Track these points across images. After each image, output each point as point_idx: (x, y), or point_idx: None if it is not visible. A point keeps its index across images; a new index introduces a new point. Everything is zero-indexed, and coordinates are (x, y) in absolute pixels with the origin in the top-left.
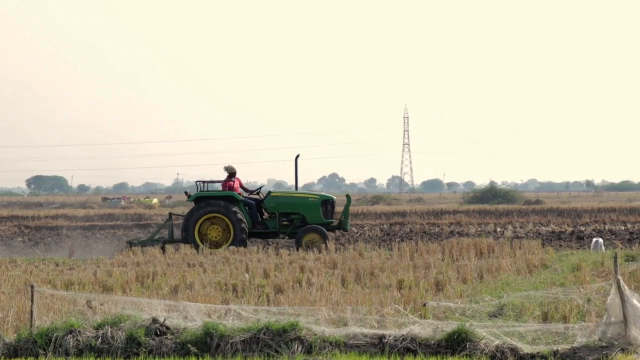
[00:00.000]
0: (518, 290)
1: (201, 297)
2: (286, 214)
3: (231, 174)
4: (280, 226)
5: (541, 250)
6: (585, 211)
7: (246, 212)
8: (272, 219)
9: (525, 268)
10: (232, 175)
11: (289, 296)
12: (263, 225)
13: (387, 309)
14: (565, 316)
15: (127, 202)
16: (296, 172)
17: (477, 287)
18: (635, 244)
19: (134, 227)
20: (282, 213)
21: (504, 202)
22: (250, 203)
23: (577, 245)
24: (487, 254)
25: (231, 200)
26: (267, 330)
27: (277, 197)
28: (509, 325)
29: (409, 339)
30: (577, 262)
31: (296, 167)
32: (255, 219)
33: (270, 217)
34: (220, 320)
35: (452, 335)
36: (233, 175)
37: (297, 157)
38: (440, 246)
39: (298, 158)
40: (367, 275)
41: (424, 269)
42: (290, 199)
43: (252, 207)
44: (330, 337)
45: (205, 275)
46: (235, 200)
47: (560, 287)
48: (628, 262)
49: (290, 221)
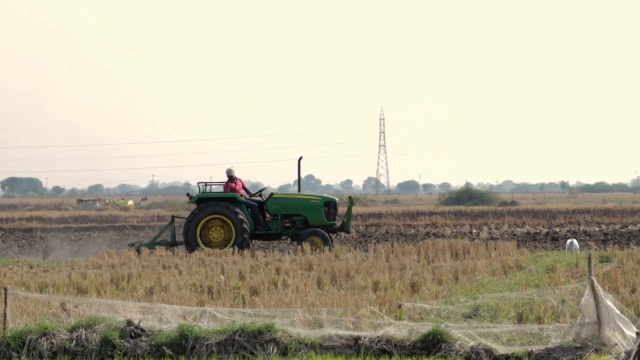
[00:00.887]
0: (493, 291)
1: (176, 299)
2: (288, 215)
3: (231, 177)
4: (283, 228)
5: (516, 252)
6: (560, 212)
7: (248, 213)
8: (274, 221)
9: (500, 269)
10: (232, 178)
11: (264, 298)
12: (265, 227)
13: (363, 310)
14: (539, 317)
15: (102, 203)
16: (299, 174)
17: (452, 289)
18: (610, 245)
19: (109, 229)
20: (284, 215)
21: (480, 204)
22: (252, 205)
23: (552, 247)
24: (462, 255)
25: (233, 202)
26: (242, 332)
27: (279, 198)
28: (484, 326)
29: (385, 341)
30: (552, 263)
31: (299, 168)
32: (258, 220)
33: (272, 218)
34: (196, 322)
35: (428, 336)
36: (233, 177)
37: (300, 159)
38: (415, 247)
39: (301, 160)
40: (342, 276)
41: (400, 271)
42: (293, 201)
43: (254, 208)
44: (306, 338)
45: (180, 277)
46: (238, 201)
47: (535, 288)
48: (602, 263)
49: (292, 223)
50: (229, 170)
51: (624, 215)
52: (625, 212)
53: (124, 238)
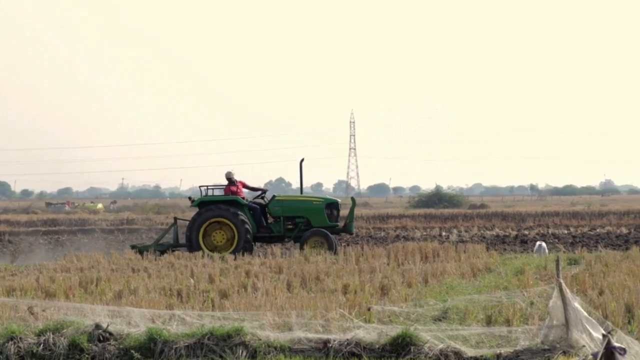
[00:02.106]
0: (462, 294)
1: (145, 302)
2: (291, 217)
3: (230, 180)
4: (285, 230)
5: (485, 254)
6: (529, 215)
7: (250, 216)
8: (276, 223)
9: (469, 272)
10: (232, 181)
11: (234, 301)
12: (268, 229)
13: (332, 313)
14: (508, 319)
15: (72, 207)
16: (301, 176)
17: (422, 291)
18: (578, 247)
19: (78, 232)
20: (286, 217)
21: (450, 207)
22: (254, 207)
23: (520, 249)
24: (432, 258)
25: (235, 205)
26: (211, 336)
27: (281, 201)
28: (453, 329)
29: (354, 344)
30: (521, 265)
31: (301, 170)
32: (260, 223)
33: (274, 221)
34: (164, 325)
35: (397, 339)
36: (233, 180)
37: (301, 161)
38: (385, 250)
39: (303, 162)
40: (312, 279)
41: (370, 273)
42: (295, 203)
43: (256, 211)
44: (275, 341)
45: (149, 281)
46: (240, 204)
47: (504, 290)
48: (571, 266)
49: (295, 225)
50: (228, 173)
51: (592, 218)
52: (593, 215)
53: (93, 241)
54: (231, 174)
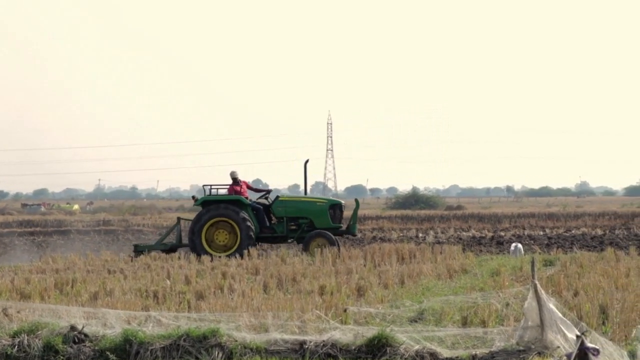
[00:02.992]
0: (438, 295)
1: (121, 303)
2: (294, 218)
3: (235, 179)
4: (288, 230)
5: (462, 256)
6: (505, 216)
7: (254, 216)
8: (280, 224)
9: (445, 273)
10: (237, 181)
11: (210, 302)
12: (271, 230)
13: (309, 314)
14: (484, 320)
15: (48, 208)
16: (305, 177)
17: (398, 292)
18: (553, 249)
19: (54, 234)
20: (290, 217)
21: (426, 208)
22: (257, 207)
23: (496, 250)
24: (408, 259)
25: (238, 204)
26: (187, 337)
27: (285, 201)
28: (429, 330)
29: (330, 345)
30: (497, 267)
31: (305, 172)
32: (263, 223)
33: (278, 221)
34: (140, 327)
35: (373, 340)
36: (237, 180)
37: (306, 162)
38: (362, 251)
39: (307, 163)
40: (289, 281)
41: (346, 275)
42: (298, 204)
43: (259, 211)
44: (251, 343)
45: (125, 282)
46: (243, 204)
47: (479, 291)
48: (546, 267)
49: (298, 226)
50: (232, 173)
51: (568, 219)
52: (569, 217)
53: (69, 242)
54: (235, 174)
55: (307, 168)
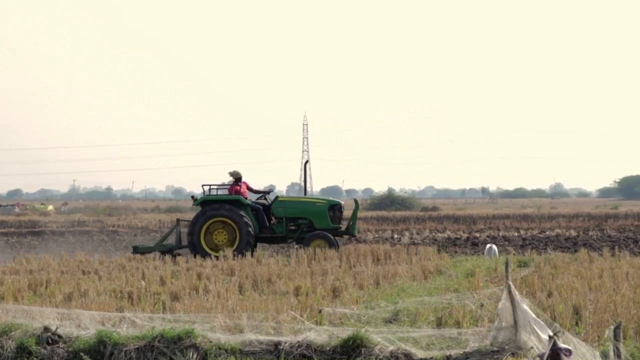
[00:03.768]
0: (413, 296)
1: (95, 305)
2: (293, 218)
3: (237, 179)
4: (288, 231)
5: (437, 257)
6: (480, 218)
7: (253, 216)
8: (279, 224)
9: (420, 274)
10: (238, 180)
11: (185, 303)
12: (270, 230)
13: (284, 315)
14: (458, 321)
15: (22, 208)
16: (305, 178)
17: (373, 293)
18: (528, 250)
19: (28, 234)
20: (289, 218)
21: (402, 209)
22: (257, 207)
23: (471, 252)
24: (384, 260)
25: (238, 205)
26: (161, 338)
27: (284, 202)
28: (404, 331)
29: (305, 346)
30: (471, 268)
31: (305, 172)
32: (262, 223)
33: (277, 222)
34: (115, 328)
35: (348, 341)
36: (239, 180)
37: (306, 163)
38: (337, 253)
39: (307, 163)
40: (264, 282)
41: (321, 276)
42: (298, 204)
43: (259, 211)
44: (226, 344)
45: (100, 283)
46: (242, 204)
47: (454, 292)
48: (520, 268)
49: (297, 226)
50: (235, 173)
51: (542, 220)
52: (543, 218)
53: (43, 243)
54: (238, 174)
55: (307, 168)
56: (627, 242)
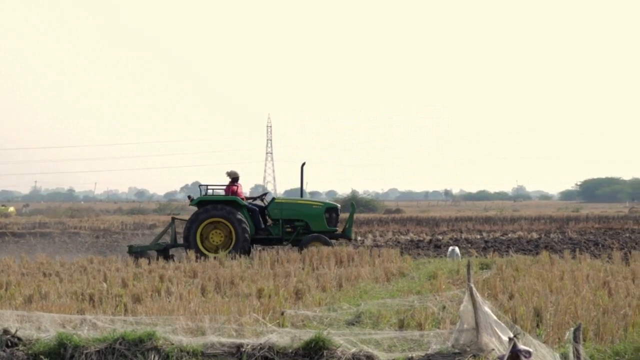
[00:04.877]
0: (376, 298)
1: (56, 307)
2: (290, 220)
3: (234, 179)
4: (284, 233)
5: (399, 259)
6: (443, 220)
7: (249, 217)
8: (275, 226)
9: (383, 276)
10: (235, 181)
11: (147, 305)
12: (266, 232)
13: (246, 317)
14: (420, 323)
15: None
16: (302, 180)
17: (335, 296)
18: (490, 252)
19: None
20: (285, 220)
21: (365, 211)
22: (253, 209)
23: (434, 254)
24: (347, 263)
25: (234, 205)
26: (123, 340)
27: (280, 203)
28: (366, 333)
29: (267, 348)
30: (434, 270)
31: (302, 174)
32: (259, 225)
33: (273, 223)
34: (75, 330)
35: (310, 343)
36: (236, 180)
37: (303, 165)
38: (300, 255)
39: (304, 166)
40: (227, 284)
41: (284, 278)
42: (294, 206)
43: (255, 213)
44: (188, 346)
45: (61, 285)
46: (239, 205)
47: (416, 295)
48: (482, 270)
49: (293, 228)
50: (232, 173)
51: (504, 223)
52: (505, 220)
53: (3, 245)
54: (235, 174)
55: (303, 171)
56: (588, 244)
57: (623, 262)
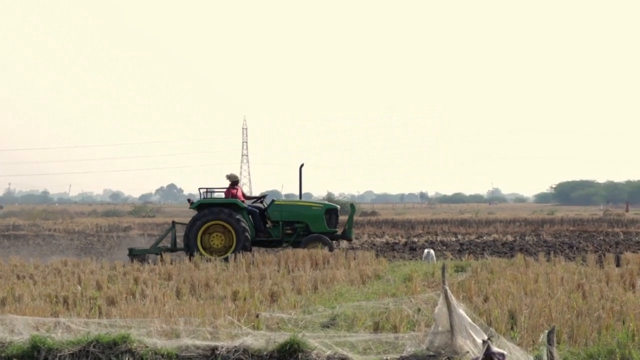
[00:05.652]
0: (351, 300)
1: (30, 309)
2: (290, 222)
3: (233, 183)
4: (284, 235)
5: (375, 261)
6: (419, 223)
7: (249, 220)
8: (275, 228)
9: (358, 279)
10: (235, 184)
11: (121, 308)
12: (266, 234)
13: (221, 320)
14: (395, 326)
15: None
16: (300, 182)
17: (311, 298)
18: (465, 254)
19: None
20: (285, 222)
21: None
22: (253, 211)
23: (409, 256)
24: (322, 265)
25: (235, 208)
26: (97, 343)
27: (280, 205)
28: (341, 336)
29: (242, 350)
30: (409, 272)
31: (300, 176)
32: (259, 227)
33: (273, 225)
34: (49, 333)
35: (285, 346)
36: (236, 183)
37: (301, 167)
38: (276, 257)
39: (302, 167)
40: (202, 286)
41: (259, 280)
42: (294, 208)
43: (255, 215)
44: (162, 349)
45: (35, 288)
46: (239, 207)
47: (392, 297)
48: (458, 273)
49: (293, 230)
50: (232, 176)
51: (480, 225)
52: (480, 223)
53: None
54: (235, 177)
55: (302, 172)
56: (563, 247)
57: (597, 265)
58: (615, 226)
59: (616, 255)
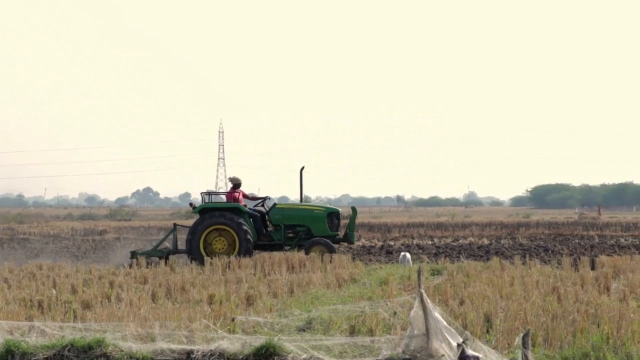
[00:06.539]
0: (327, 304)
1: (4, 314)
2: (291, 226)
3: (235, 186)
4: (286, 238)
5: (351, 265)
6: (395, 226)
7: (251, 223)
8: (277, 231)
9: (335, 282)
10: (237, 187)
11: (96, 312)
12: (268, 237)
13: (197, 324)
14: (371, 329)
15: None
16: (301, 185)
17: (287, 302)
18: (441, 258)
19: None
20: (287, 225)
21: None
22: (255, 215)
23: (386, 260)
24: (298, 269)
25: (237, 212)
26: (71, 347)
27: (282, 209)
28: (317, 339)
29: (217, 354)
30: (385, 276)
31: (301, 179)
32: (261, 230)
33: (275, 229)
34: (23, 337)
35: (261, 349)
36: (238, 187)
37: (302, 169)
38: (252, 261)
39: (303, 170)
40: (177, 290)
41: (236, 284)
42: (296, 211)
43: (257, 218)
44: (137, 353)
45: (9, 291)
46: (241, 211)
47: (368, 300)
48: (434, 276)
49: (295, 233)
50: (235, 179)
51: (456, 229)
52: (457, 226)
53: None
54: (237, 180)
55: (302, 175)
56: (538, 250)
57: (572, 268)
58: (590, 229)
59: (591, 259)
